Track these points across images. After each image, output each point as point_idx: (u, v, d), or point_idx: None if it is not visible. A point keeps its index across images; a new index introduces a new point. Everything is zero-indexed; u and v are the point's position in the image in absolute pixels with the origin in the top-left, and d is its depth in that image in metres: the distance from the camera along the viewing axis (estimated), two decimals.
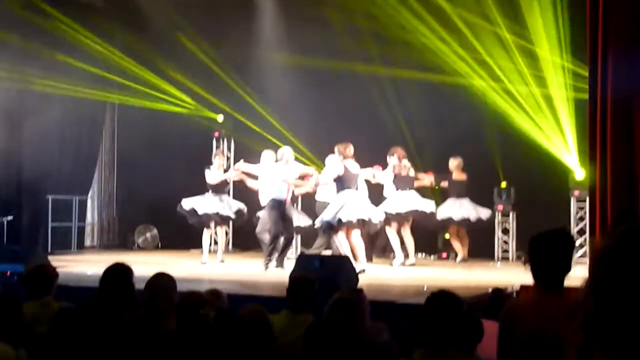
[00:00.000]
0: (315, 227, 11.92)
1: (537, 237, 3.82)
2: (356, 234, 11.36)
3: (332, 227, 11.32)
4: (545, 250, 3.81)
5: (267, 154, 12.66)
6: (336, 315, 3.67)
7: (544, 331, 3.54)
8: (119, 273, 5.24)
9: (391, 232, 12.55)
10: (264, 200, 12.20)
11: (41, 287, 5.46)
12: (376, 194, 12.75)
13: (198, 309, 4.21)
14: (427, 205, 12.79)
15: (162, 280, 5.01)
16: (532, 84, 13.10)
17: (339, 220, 11.12)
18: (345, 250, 11.08)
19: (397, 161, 12.69)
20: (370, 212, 11.47)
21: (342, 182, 11.37)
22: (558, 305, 3.44)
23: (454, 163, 13.40)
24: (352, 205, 11.24)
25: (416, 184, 13.03)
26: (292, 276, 5.58)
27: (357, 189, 11.54)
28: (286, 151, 12.10)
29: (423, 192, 13.20)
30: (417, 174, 13.11)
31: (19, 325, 4.35)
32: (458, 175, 13.46)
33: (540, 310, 3.66)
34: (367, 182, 12.44)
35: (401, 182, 12.75)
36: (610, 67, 9.20)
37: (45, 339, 3.45)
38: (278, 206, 11.68)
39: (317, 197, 12.64)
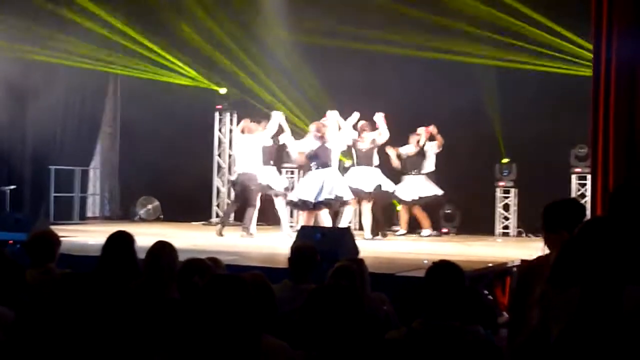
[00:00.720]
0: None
1: (552, 205, 4.27)
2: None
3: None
4: (558, 216, 4.25)
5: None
6: (337, 282, 3.70)
7: None
8: (122, 240, 5.26)
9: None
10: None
11: (44, 254, 5.47)
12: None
13: (198, 275, 4.23)
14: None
15: (163, 248, 5.03)
16: (535, 60, 13.09)
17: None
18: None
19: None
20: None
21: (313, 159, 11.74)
22: None
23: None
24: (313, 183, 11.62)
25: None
26: (293, 246, 5.61)
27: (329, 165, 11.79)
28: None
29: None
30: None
31: (22, 291, 4.37)
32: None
33: None
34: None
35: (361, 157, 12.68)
36: (614, 44, 9.17)
37: (48, 304, 3.48)
38: None
39: None
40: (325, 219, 11.68)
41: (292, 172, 15.42)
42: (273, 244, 11.29)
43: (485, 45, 13.65)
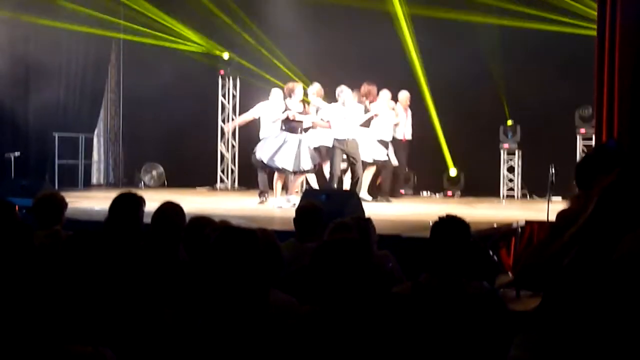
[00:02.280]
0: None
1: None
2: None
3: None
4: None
5: (276, 91, 12.58)
6: (344, 236, 3.71)
7: None
8: (130, 200, 5.25)
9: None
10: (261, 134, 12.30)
11: (51, 216, 5.47)
12: None
13: (204, 229, 4.24)
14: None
15: (172, 208, 5.04)
16: (538, 22, 13.03)
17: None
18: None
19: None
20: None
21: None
22: None
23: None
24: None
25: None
26: (299, 205, 5.63)
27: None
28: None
29: None
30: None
31: (30, 252, 4.38)
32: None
33: None
34: None
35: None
36: (619, 3, 9.12)
37: (56, 264, 3.50)
38: None
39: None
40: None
41: None
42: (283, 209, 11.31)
43: (489, 5, 13.56)
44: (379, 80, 12.73)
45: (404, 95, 13.32)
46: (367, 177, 12.40)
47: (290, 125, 11.61)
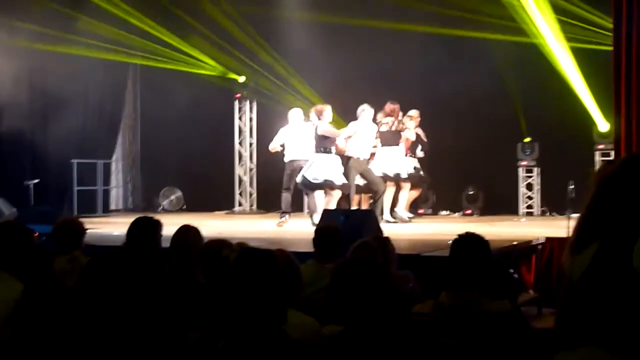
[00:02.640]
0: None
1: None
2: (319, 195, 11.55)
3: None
4: None
5: (294, 112, 12.59)
6: (361, 255, 3.70)
7: None
8: (147, 223, 5.28)
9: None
10: (287, 157, 12.25)
11: (70, 241, 5.50)
12: None
13: (221, 251, 4.24)
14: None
15: (189, 232, 5.05)
16: (555, 37, 12.98)
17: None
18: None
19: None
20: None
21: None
22: None
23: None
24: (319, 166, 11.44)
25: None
26: (318, 227, 5.63)
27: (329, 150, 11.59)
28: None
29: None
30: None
31: (50, 277, 4.40)
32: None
33: None
34: None
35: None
36: (635, 18, 9.09)
37: (77, 288, 3.49)
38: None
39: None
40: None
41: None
42: (299, 229, 11.31)
43: (505, 25, 13.55)
44: (397, 99, 12.70)
45: (414, 113, 13.15)
46: (387, 198, 12.22)
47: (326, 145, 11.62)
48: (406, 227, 11.48)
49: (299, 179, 11.63)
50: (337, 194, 11.61)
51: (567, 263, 2.66)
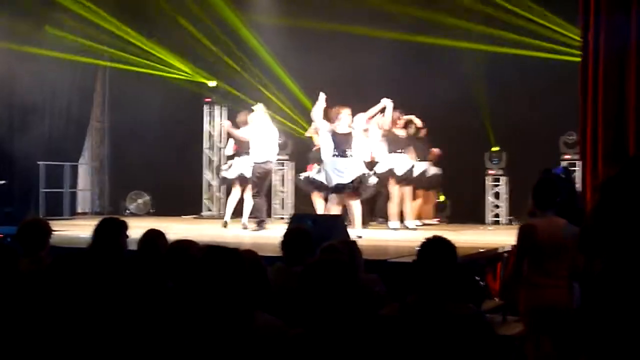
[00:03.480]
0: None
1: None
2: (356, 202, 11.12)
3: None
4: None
5: (258, 109, 12.35)
6: (327, 257, 3.71)
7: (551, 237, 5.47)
8: (113, 225, 5.25)
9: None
10: (258, 158, 12.06)
11: (35, 242, 5.41)
12: None
13: (186, 251, 4.23)
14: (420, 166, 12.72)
15: (155, 235, 5.03)
16: (523, 49, 13.13)
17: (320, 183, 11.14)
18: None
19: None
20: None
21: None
22: (557, 223, 5.54)
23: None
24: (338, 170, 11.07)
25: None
26: (287, 230, 5.62)
27: (350, 154, 11.19)
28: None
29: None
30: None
31: (15, 277, 4.35)
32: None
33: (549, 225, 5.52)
34: None
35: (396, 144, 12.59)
36: (602, 30, 9.19)
37: (40, 287, 3.47)
38: None
39: None
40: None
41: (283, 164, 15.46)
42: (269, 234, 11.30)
43: (473, 32, 13.66)
44: (366, 103, 12.72)
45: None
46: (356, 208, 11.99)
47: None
48: (372, 234, 11.48)
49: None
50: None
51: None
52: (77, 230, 11.53)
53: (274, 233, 11.18)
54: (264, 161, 12.00)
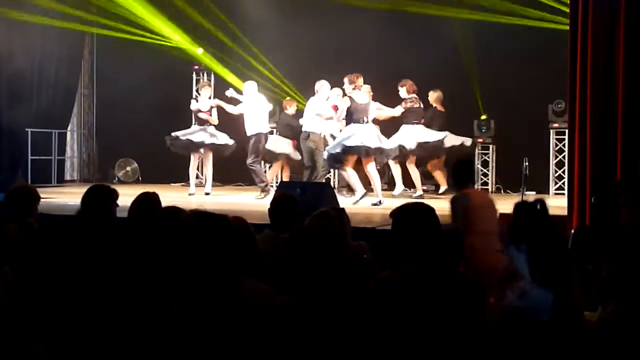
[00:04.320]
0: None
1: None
2: (371, 165, 11.37)
3: (338, 160, 11.31)
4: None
5: (249, 85, 12.68)
6: (318, 223, 3.73)
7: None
8: (103, 192, 5.23)
9: (393, 164, 12.61)
10: (250, 130, 12.30)
11: (23, 208, 5.42)
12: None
13: (176, 215, 4.24)
14: (435, 136, 12.75)
15: (148, 198, 5.03)
16: (512, 16, 13.09)
17: (345, 147, 11.11)
18: (354, 183, 11.31)
19: (407, 94, 12.64)
20: (380, 142, 11.43)
21: (350, 115, 11.34)
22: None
23: (434, 96, 13.29)
24: (361, 135, 11.17)
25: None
26: (274, 196, 5.63)
27: (366, 121, 11.39)
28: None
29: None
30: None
31: (3, 243, 4.34)
32: (440, 108, 13.30)
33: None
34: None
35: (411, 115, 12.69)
36: None
37: (29, 252, 3.47)
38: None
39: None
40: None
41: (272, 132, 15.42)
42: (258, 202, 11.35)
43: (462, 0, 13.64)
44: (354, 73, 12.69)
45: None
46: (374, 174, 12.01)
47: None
48: (361, 202, 11.49)
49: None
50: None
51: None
52: (65, 197, 11.54)
53: (263, 200, 11.25)
54: (255, 133, 12.41)
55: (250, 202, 11.71)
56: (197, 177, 15.49)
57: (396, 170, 12.75)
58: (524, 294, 4.73)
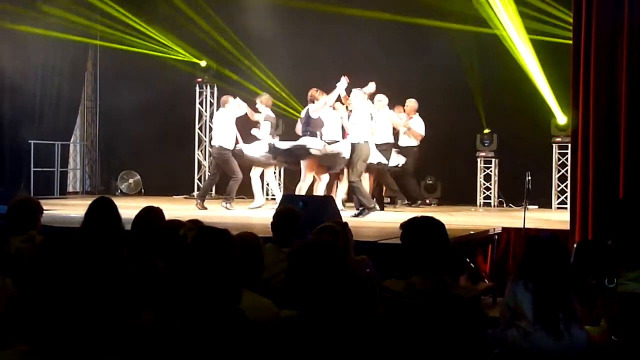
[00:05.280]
0: None
1: None
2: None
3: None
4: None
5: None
6: (320, 238, 3.73)
7: None
8: (108, 204, 5.22)
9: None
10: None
11: (26, 220, 5.41)
12: None
13: (177, 231, 4.23)
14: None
15: (152, 213, 5.02)
16: (516, 28, 13.08)
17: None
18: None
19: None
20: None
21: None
22: None
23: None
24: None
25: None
26: (277, 210, 5.62)
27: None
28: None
29: None
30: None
31: (4, 256, 4.34)
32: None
33: None
34: None
35: None
36: (594, 12, 9.16)
37: (31, 265, 3.45)
38: None
39: None
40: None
41: None
42: (256, 215, 11.33)
43: (465, 14, 13.63)
44: (358, 86, 12.70)
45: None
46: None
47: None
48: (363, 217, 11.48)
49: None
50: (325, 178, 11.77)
51: None
52: (67, 209, 11.53)
53: (266, 214, 11.22)
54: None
55: (254, 214, 11.67)
56: (199, 189, 15.51)
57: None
58: (527, 334, 4.74)
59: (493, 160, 14.22)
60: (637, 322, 5.30)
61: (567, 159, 12.78)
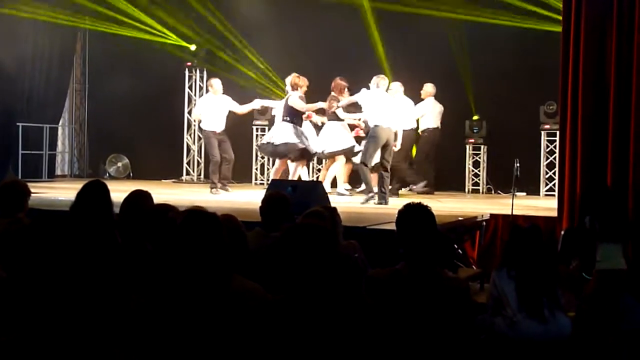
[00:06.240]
0: None
1: None
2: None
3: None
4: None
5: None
6: (310, 221, 3.73)
7: None
8: (100, 187, 5.20)
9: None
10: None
11: (13, 203, 5.38)
12: None
13: (167, 213, 4.23)
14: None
15: (141, 196, 5.01)
16: (505, 18, 13.11)
17: None
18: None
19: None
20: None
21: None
22: None
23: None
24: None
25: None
26: (265, 195, 5.62)
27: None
28: None
29: None
30: None
31: None
32: None
33: None
34: None
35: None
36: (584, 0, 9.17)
37: (20, 247, 3.45)
38: None
39: None
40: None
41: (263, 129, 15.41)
42: (247, 199, 11.34)
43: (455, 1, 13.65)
44: (347, 73, 12.69)
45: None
46: (340, 169, 12.31)
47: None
48: (352, 200, 11.50)
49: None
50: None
51: None
52: (55, 192, 11.50)
53: (255, 198, 11.22)
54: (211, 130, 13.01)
55: (243, 199, 11.66)
56: (187, 173, 15.50)
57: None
58: (513, 323, 4.80)
59: (482, 146, 14.24)
60: (610, 296, 5.45)
61: (555, 146, 12.80)
